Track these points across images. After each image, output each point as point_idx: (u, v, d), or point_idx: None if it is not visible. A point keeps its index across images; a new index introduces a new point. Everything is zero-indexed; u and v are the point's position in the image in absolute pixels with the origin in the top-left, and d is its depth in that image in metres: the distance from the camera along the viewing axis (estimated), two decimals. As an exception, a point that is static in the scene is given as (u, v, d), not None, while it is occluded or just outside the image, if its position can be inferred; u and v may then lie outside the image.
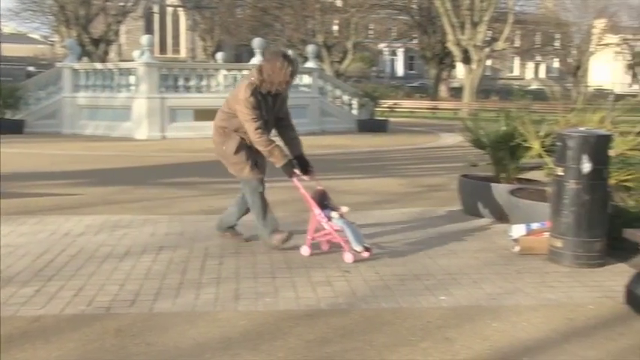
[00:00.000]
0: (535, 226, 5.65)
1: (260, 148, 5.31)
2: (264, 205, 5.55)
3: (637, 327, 3.90)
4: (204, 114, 17.59)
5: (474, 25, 35.19)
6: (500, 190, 6.80)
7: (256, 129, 5.20)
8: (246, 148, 5.42)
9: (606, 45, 60.58)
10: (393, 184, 9.76)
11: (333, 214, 5.28)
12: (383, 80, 59.60)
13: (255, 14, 40.52)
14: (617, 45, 62.47)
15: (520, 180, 7.20)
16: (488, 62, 50.74)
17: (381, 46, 64.22)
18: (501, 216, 6.65)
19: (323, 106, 21.00)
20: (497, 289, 4.62)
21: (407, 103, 34.80)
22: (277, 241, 5.48)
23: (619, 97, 30.17)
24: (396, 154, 15.01)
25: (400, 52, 70.10)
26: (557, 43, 61.97)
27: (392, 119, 22.76)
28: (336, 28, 43.29)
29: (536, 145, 6.62)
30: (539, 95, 33.90)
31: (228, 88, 18.34)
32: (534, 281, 4.81)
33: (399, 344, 3.60)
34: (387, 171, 11.41)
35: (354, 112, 22.16)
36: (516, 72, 75.36)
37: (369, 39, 55.17)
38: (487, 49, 36.40)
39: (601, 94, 31.70)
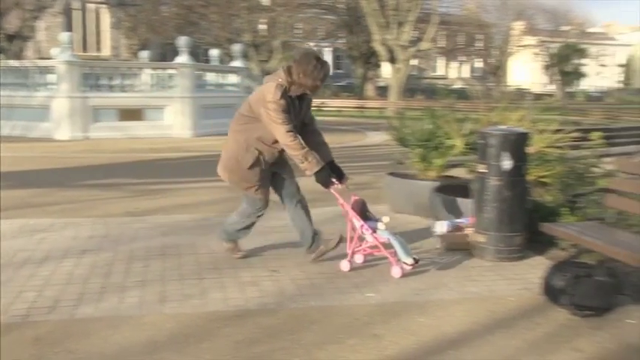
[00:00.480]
0: (459, 222, 5.79)
1: (292, 152, 4.82)
2: (250, 225, 5.31)
3: (553, 316, 4.05)
4: (129, 114, 17.29)
5: (400, 25, 35.78)
6: (425, 188, 6.92)
7: (288, 132, 4.72)
8: (261, 165, 4.96)
9: (524, 46, 62.79)
10: (321, 182, 9.77)
11: (379, 225, 4.95)
12: (310, 79, 59.62)
13: (181, 12, 39.87)
14: (535, 46, 64.80)
15: (444, 177, 7.36)
16: (414, 62, 51.67)
17: (309, 45, 64.45)
18: (426, 212, 6.77)
19: (249, 105, 20.90)
20: (422, 284, 4.70)
21: (334, 102, 35.13)
22: (231, 252, 5.33)
23: (537, 97, 31.30)
24: (323, 152, 15.06)
25: (327, 52, 70.36)
26: (479, 44, 63.76)
27: (319, 118, 22.60)
28: (263, 27, 43.15)
29: (459, 143, 6.79)
30: (462, 94, 34.81)
31: (154, 87, 18.05)
32: (458, 276, 4.93)
33: (327, 342, 3.62)
34: (315, 170, 11.43)
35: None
36: (441, 71, 77.01)
37: (297, 38, 55.24)
38: (412, 49, 37.06)
39: (520, 94, 32.82)
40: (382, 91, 47.39)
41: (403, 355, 3.48)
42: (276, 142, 4.86)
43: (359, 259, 5.15)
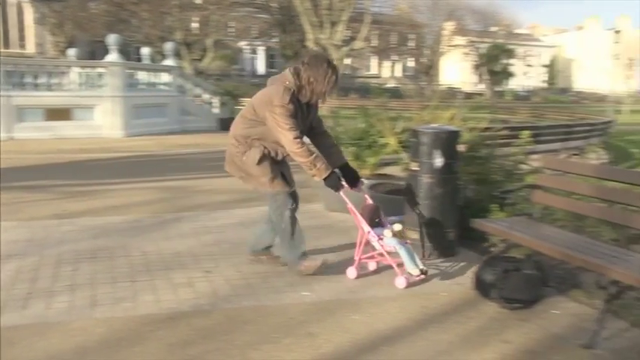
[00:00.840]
0: (392, 219, 5.84)
1: (300, 159, 4.55)
2: (294, 223, 4.82)
3: (483, 310, 4.16)
4: (56, 113, 16.74)
5: (333, 24, 35.98)
6: (359, 186, 6.96)
7: (295, 138, 4.46)
8: (270, 158, 4.71)
9: (455, 46, 64.16)
10: (256, 182, 9.73)
11: (386, 232, 4.74)
12: (244, 78, 59.42)
13: (111, 9, 38.95)
14: (465, 46, 66.35)
15: (378, 175, 7.43)
16: (347, 61, 52.11)
17: (242, 44, 64.02)
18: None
19: (183, 104, 20.60)
20: (357, 282, 4.74)
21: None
22: (307, 268, 4.80)
23: (468, 96, 32.04)
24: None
25: (261, 51, 70.21)
26: (411, 44, 64.80)
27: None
28: (195, 25, 42.60)
29: (392, 142, 6.87)
30: (395, 93, 35.33)
31: (83, 86, 17.55)
32: (391, 273, 4.97)
33: (262, 342, 3.60)
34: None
35: (216, 110, 21.93)
36: (374, 70, 77.84)
37: (230, 37, 54.85)
38: (346, 49, 37.33)
39: (451, 93, 33.51)
40: (316, 90, 47.37)
41: (338, 352, 3.49)
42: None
43: (372, 266, 4.99)
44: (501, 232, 4.64)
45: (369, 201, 4.91)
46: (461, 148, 5.85)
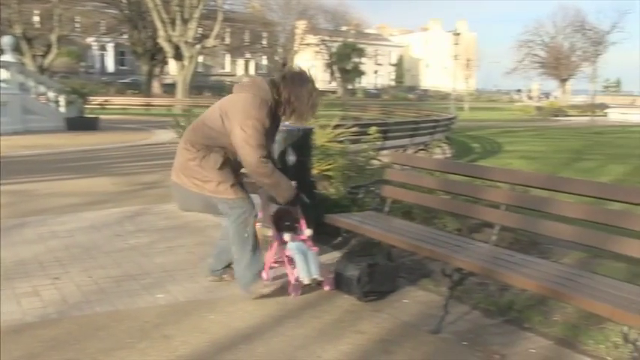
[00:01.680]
0: (248, 217, 5.85)
1: (263, 180, 4.21)
2: (255, 237, 4.34)
3: (338, 303, 4.26)
4: None
5: (185, 21, 35.38)
6: (214, 185, 6.90)
7: (261, 157, 4.06)
8: (230, 164, 4.25)
9: (307, 45, 65.32)
10: (107, 183, 9.38)
11: (286, 236, 4.53)
12: (92, 76, 57.06)
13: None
14: (317, 45, 67.72)
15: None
16: (201, 59, 51.40)
17: (90, 40, 61.36)
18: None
19: (25, 103, 19.36)
20: (213, 282, 4.70)
21: (119, 100, 33.81)
22: (259, 289, 4.34)
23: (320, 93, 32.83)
24: (108, 152, 14.45)
25: (110, 47, 67.64)
26: (264, 42, 65.12)
27: (103, 117, 21.92)
28: (37, 19, 40.22)
29: (246, 140, 6.86)
30: (250, 91, 35.21)
31: None
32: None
33: (115, 348, 3.48)
34: (100, 170, 10.92)
35: (62, 109, 20.85)
36: (228, 68, 77.43)
37: (76, 32, 52.29)
38: (198, 46, 36.84)
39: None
40: (169, 89, 46.55)
41: (195, 354, 3.45)
42: None
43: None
44: (353, 227, 4.78)
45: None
46: (313, 145, 5.97)
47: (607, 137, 22.29)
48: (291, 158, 5.29)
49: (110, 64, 69.50)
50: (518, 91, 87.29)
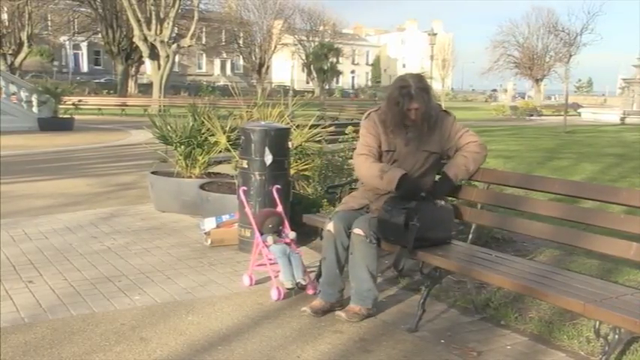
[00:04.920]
0: (225, 218, 5.85)
1: None
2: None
3: (312, 300, 4.23)
4: None
5: (161, 20, 35.10)
6: (190, 185, 6.89)
7: None
8: None
9: (284, 45, 65.23)
10: (82, 184, 9.29)
11: (269, 239, 4.47)
12: (66, 76, 56.38)
13: None
14: (294, 45, 67.64)
15: (209, 174, 7.37)
16: (177, 58, 51.04)
17: (63, 39, 60.63)
18: (193, 210, 6.74)
19: (-5, 103, 19.10)
20: (191, 282, 4.68)
21: (94, 100, 33.42)
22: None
23: (298, 94, 32.72)
24: (83, 153, 14.31)
25: (84, 47, 66.96)
26: (241, 41, 64.88)
27: (78, 117, 21.68)
28: (5, 16, 39.63)
29: (222, 140, 6.85)
30: (226, 91, 35.16)
31: None
32: (226, 271, 4.98)
33: (91, 352, 3.44)
34: (75, 171, 10.81)
35: (35, 109, 20.59)
36: (204, 68, 77.09)
37: (48, 31, 51.65)
38: (174, 46, 36.55)
39: (282, 91, 33.98)
40: (145, 89, 46.17)
41: (173, 356, 3.43)
42: None
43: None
44: (331, 226, 4.76)
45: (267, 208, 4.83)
46: (290, 144, 5.97)
47: (579, 136, 22.56)
48: (268, 158, 5.28)
49: (84, 64, 68.81)
50: (494, 91, 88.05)
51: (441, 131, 4.07)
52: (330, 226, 4.06)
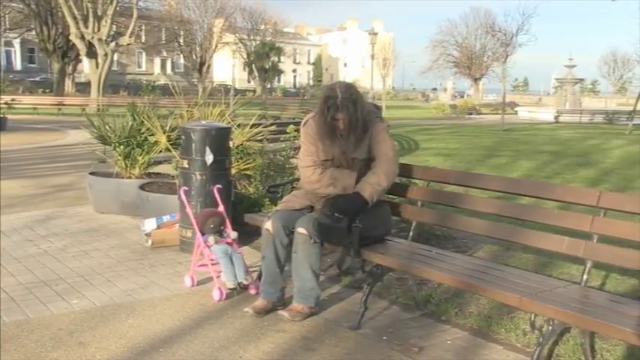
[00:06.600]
0: (166, 218, 5.77)
1: None
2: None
3: (254, 300, 4.22)
4: None
5: (98, 18, 34.39)
6: (129, 186, 6.77)
7: None
8: None
9: (225, 43, 64.72)
10: (16, 186, 9.00)
11: (210, 239, 4.43)
12: (-1, 74, 54.52)
13: None
14: (235, 44, 67.19)
15: (149, 174, 7.26)
16: (116, 57, 50.00)
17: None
18: (133, 211, 6.62)
19: None
20: (131, 285, 4.60)
21: (28, 99, 32.50)
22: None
23: (239, 92, 32.56)
24: (17, 153, 13.86)
25: (17, 44, 64.94)
26: (181, 40, 64.08)
27: (11, 116, 21.04)
28: None
29: (162, 139, 6.75)
30: (167, 90, 34.59)
31: None
32: (167, 273, 4.91)
33: (25, 359, 3.34)
34: (8, 172, 10.46)
35: (-35, 109, 19.87)
36: (144, 67, 75.85)
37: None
38: (113, 44, 35.86)
39: (223, 90, 33.71)
40: (83, 88, 45.08)
41: (112, 359, 3.36)
42: None
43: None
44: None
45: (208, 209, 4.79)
46: (231, 144, 5.93)
47: (516, 134, 23.13)
48: (209, 158, 5.23)
49: (18, 62, 66.81)
50: (434, 89, 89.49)
51: (371, 137, 4.07)
52: (268, 225, 4.05)
